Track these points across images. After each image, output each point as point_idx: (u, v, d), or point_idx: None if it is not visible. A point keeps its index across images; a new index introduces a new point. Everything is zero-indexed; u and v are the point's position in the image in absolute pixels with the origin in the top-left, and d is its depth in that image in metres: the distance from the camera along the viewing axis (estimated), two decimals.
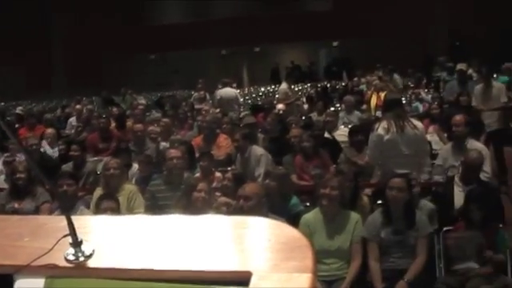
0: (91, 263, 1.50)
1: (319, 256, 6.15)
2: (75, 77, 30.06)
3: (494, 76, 19.43)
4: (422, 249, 6.22)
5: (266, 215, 5.44)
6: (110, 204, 6.60)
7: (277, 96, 17.11)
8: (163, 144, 10.73)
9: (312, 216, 6.38)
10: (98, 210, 6.55)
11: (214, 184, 8.10)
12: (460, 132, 8.34)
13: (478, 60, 17.76)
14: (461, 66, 13.02)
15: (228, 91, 16.43)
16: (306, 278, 1.26)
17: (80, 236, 1.53)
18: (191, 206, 6.57)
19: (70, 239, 1.51)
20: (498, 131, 11.94)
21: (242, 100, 20.97)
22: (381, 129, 7.79)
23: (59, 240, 1.53)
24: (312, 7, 31.64)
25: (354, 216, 6.36)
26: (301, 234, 1.40)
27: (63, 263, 1.51)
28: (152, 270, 1.39)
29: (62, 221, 1.54)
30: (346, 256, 6.23)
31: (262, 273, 1.28)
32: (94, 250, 1.52)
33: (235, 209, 6.27)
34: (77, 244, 1.52)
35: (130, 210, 7.37)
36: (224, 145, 10.59)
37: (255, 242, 1.36)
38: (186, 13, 34.05)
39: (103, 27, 30.78)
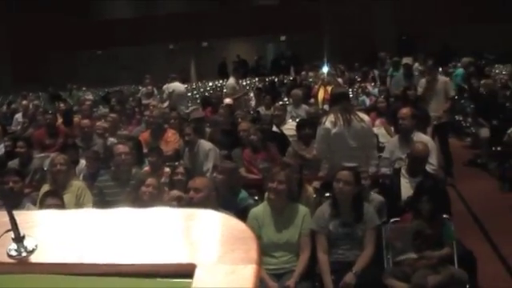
0: (34, 258, 1.47)
1: (268, 249, 6.18)
2: (21, 72, 29.62)
3: (451, 68, 19.81)
4: (369, 241, 6.28)
5: (216, 208, 5.44)
6: (55, 201, 6.54)
7: (224, 90, 17.11)
8: (111, 140, 10.65)
9: (260, 209, 6.39)
10: (43, 207, 6.48)
11: (163, 179, 8.06)
12: (406, 125, 8.43)
13: (423, 54, 17.96)
14: (406, 60, 13.15)
15: (178, 85, 16.39)
16: (250, 269, 1.26)
17: (23, 231, 1.50)
18: (140, 201, 6.54)
19: (12, 234, 1.49)
20: (443, 124, 12.10)
21: (189, 95, 20.97)
22: (328, 122, 7.83)
23: (1, 235, 1.50)
24: (259, 2, 31.67)
25: (303, 209, 6.39)
26: (246, 226, 1.39)
27: (5, 259, 1.48)
28: (95, 265, 1.38)
29: (4, 216, 1.52)
30: (295, 249, 6.26)
31: (207, 265, 1.28)
32: (36, 245, 1.50)
33: (186, 202, 6.26)
34: (19, 239, 1.49)
35: (79, 207, 7.30)
36: (172, 140, 10.56)
37: (201, 234, 1.36)
38: (133, 8, 33.77)
39: (49, 22, 30.35)
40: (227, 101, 13.66)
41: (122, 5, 33.35)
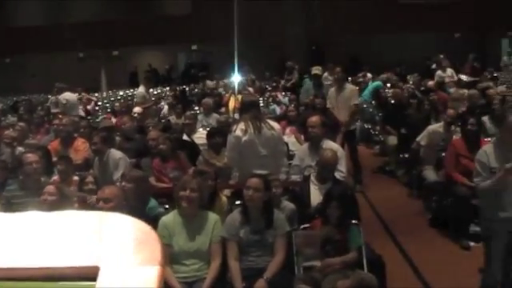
0: None
1: (179, 257, 6.16)
2: None
3: (370, 80, 20.17)
4: (280, 247, 6.32)
5: None
6: None
7: (135, 100, 17.01)
8: (19, 149, 10.43)
9: (171, 218, 6.36)
10: None
11: (72, 188, 7.95)
12: (315, 133, 8.53)
13: (333, 64, 18.24)
14: (316, 70, 13.31)
15: (70, 95, 16.25)
16: (154, 271, 1.27)
17: None
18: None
19: None
20: (352, 132, 12.32)
21: (100, 104, 20.75)
22: (238, 130, 7.88)
23: None
24: (171, 11, 31.57)
25: (213, 216, 6.39)
26: (151, 228, 1.40)
27: None
28: None
29: None
30: (206, 256, 6.24)
31: (110, 267, 1.28)
32: None
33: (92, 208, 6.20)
34: None
35: None
36: (81, 149, 10.42)
37: (106, 236, 1.35)
38: (42, 15, 33.23)
39: None
40: (137, 110, 13.57)
41: (31, 12, 32.77)
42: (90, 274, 1.29)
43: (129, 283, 1.24)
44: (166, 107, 17.16)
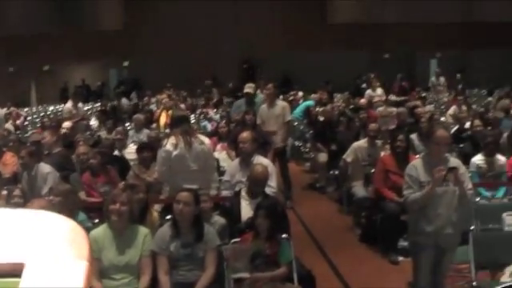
0: None
1: (108, 272, 6.10)
2: None
3: (301, 99, 20.33)
4: (210, 261, 6.32)
5: None
6: None
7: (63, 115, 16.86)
8: None
9: (100, 231, 6.29)
10: None
11: (0, 201, 7.81)
12: (246, 148, 8.56)
13: (264, 81, 18.33)
14: (248, 89, 13.34)
15: None
16: (81, 267, 1.26)
17: None
18: None
19: None
20: (283, 148, 12.37)
21: (30, 118, 20.47)
22: (169, 145, 7.88)
23: None
24: (103, 26, 31.33)
25: (143, 230, 6.34)
26: (76, 224, 1.39)
27: None
28: None
29: None
30: (136, 271, 6.18)
31: (37, 264, 1.27)
32: None
33: None
34: None
35: None
36: (10, 162, 10.28)
37: (33, 234, 1.34)
38: None
39: None
40: (66, 125, 13.42)
41: None
42: (16, 271, 1.28)
43: (55, 279, 1.24)
44: (94, 122, 16.98)
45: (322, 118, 15.68)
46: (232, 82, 26.00)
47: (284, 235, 6.71)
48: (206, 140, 8.45)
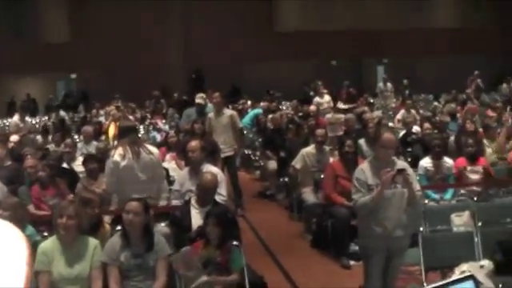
0: None
1: (59, 284, 6.03)
2: None
3: (250, 108, 20.40)
4: (161, 270, 6.27)
5: None
6: None
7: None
8: None
9: (49, 244, 6.21)
10: None
11: None
12: (195, 157, 8.52)
13: (212, 91, 18.35)
14: (199, 99, 13.34)
15: None
16: (20, 271, 1.25)
17: None
18: None
19: None
20: (232, 157, 12.38)
21: None
22: (117, 155, 7.83)
23: None
24: (49, 39, 30.99)
25: (93, 242, 6.28)
26: (18, 232, 1.38)
27: None
28: None
29: None
30: (86, 283, 6.12)
31: None
32: None
33: None
34: None
35: None
36: None
37: None
38: None
39: None
40: (13, 138, 13.26)
41: None
42: None
43: None
44: (38, 136, 16.81)
45: (271, 126, 15.75)
46: (178, 93, 25.91)
47: (235, 243, 6.71)
48: (155, 150, 8.42)
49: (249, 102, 23.77)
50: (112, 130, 14.75)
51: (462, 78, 26.16)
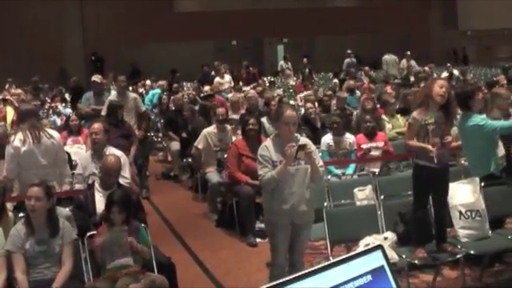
0: None
1: None
2: None
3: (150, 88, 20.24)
4: (67, 256, 6.19)
5: None
6: None
7: None
8: None
9: None
10: None
11: None
12: (98, 139, 8.41)
13: (114, 73, 18.14)
14: (95, 78, 13.08)
15: None
16: None
17: None
18: None
19: None
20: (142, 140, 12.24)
21: None
22: (17, 141, 7.66)
23: None
24: None
25: None
26: None
27: None
28: None
29: None
30: None
31: None
32: None
33: None
34: None
35: None
36: None
37: None
38: None
39: None
40: None
41: None
42: None
43: None
44: None
45: (172, 107, 15.67)
46: (76, 76, 25.38)
47: (141, 224, 6.67)
48: (56, 134, 8.24)
49: (148, 82, 23.59)
50: (10, 116, 14.36)
51: (362, 57, 26.71)
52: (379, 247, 2.46)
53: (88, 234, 6.59)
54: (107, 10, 29.90)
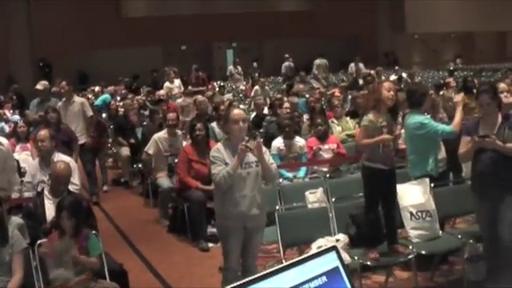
0: None
1: None
2: None
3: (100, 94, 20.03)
4: (17, 265, 6.08)
5: None
6: None
7: None
8: None
9: None
10: None
11: None
12: (45, 146, 8.31)
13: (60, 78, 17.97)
14: (38, 86, 12.93)
15: None
16: None
17: None
18: None
19: None
20: (82, 145, 12.10)
21: None
22: None
23: None
24: None
25: None
26: None
27: None
28: None
29: None
30: None
31: None
32: None
33: None
34: None
35: None
36: None
37: None
38: None
39: None
40: None
41: None
42: None
43: None
44: None
45: (122, 112, 15.58)
46: (20, 83, 25.01)
47: (91, 231, 6.60)
48: (5, 141, 8.14)
49: (97, 88, 23.43)
50: None
51: (307, 61, 26.86)
52: (333, 248, 2.47)
53: (38, 242, 6.50)
54: (54, 16, 29.54)
